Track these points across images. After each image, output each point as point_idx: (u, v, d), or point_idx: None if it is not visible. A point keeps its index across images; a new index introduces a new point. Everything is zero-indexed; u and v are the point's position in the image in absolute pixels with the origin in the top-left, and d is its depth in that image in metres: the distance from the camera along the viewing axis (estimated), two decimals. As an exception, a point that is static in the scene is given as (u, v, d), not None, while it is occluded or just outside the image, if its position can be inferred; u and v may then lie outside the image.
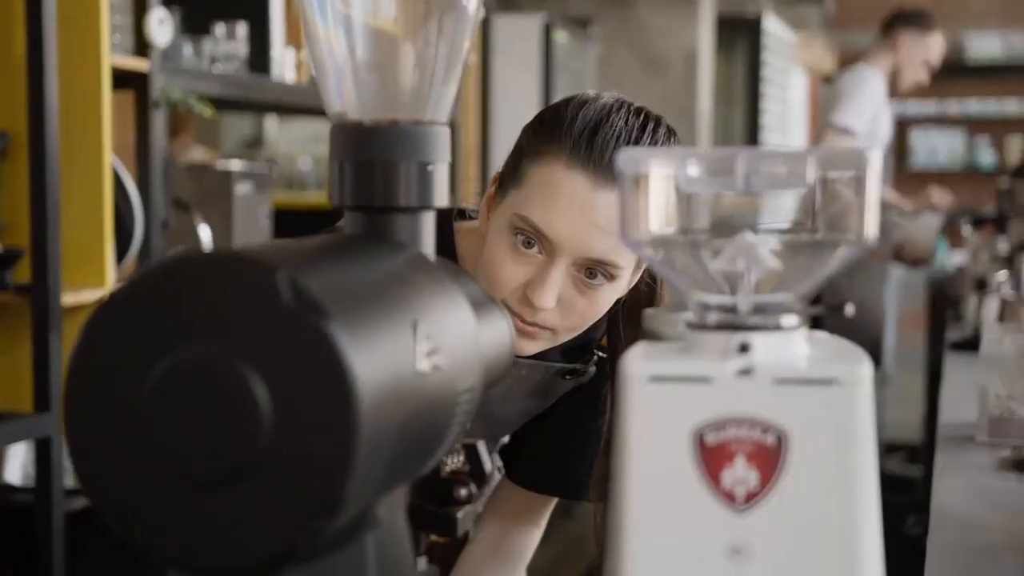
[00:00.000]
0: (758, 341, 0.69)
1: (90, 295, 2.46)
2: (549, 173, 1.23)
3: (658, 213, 0.71)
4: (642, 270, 1.33)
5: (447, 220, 1.40)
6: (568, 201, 1.22)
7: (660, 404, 0.68)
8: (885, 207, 4.56)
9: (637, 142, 1.24)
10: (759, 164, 0.69)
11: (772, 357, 0.68)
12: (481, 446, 0.95)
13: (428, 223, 0.83)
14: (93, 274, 2.47)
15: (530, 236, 1.25)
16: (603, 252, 1.24)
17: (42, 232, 2.31)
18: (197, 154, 4.07)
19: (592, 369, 1.42)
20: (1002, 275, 3.07)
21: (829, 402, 0.67)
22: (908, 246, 4.83)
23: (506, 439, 1.54)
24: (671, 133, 1.31)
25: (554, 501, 1.53)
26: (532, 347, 1.30)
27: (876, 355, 4.42)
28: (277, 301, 0.61)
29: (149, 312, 0.62)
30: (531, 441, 1.49)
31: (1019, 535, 1.42)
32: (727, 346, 0.69)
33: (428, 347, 0.69)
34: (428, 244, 0.83)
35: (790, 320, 0.70)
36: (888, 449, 5.46)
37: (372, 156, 0.81)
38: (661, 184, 0.71)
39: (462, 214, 1.45)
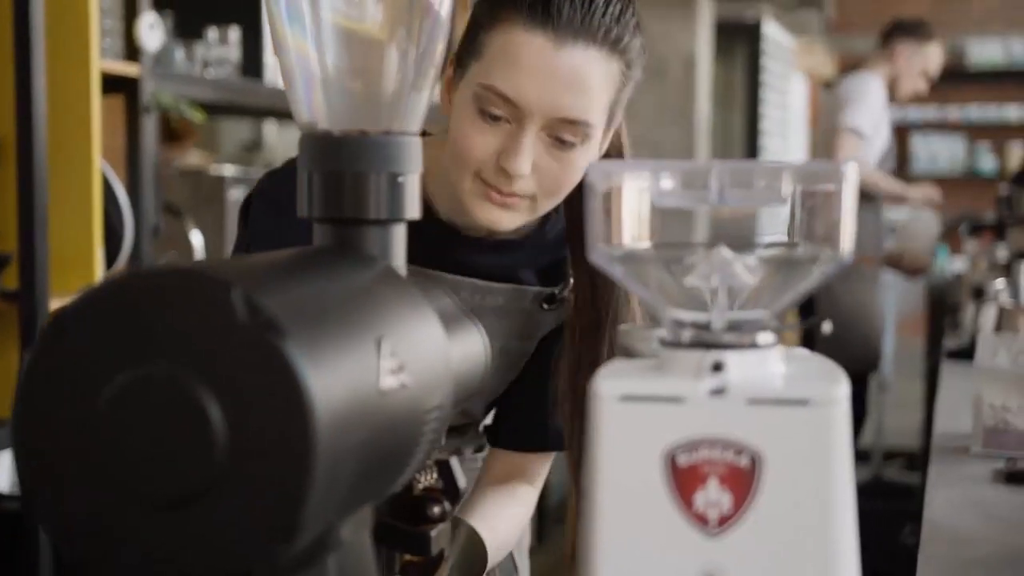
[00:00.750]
0: (732, 360, 0.67)
1: (78, 301, 2.44)
2: (508, 38, 1.21)
3: (630, 228, 0.69)
4: (612, 132, 1.32)
5: None
6: (531, 63, 1.21)
7: (631, 424, 0.66)
8: (887, 199, 4.56)
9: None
10: (733, 178, 0.67)
11: (746, 376, 0.67)
12: (454, 462, 0.93)
13: (399, 235, 0.81)
14: (82, 280, 2.45)
15: (496, 105, 1.23)
16: (572, 110, 1.22)
17: (30, 238, 2.29)
18: (193, 158, 4.05)
19: (568, 296, 1.40)
20: (1000, 283, 3.06)
21: (804, 423, 0.65)
22: (907, 255, 4.83)
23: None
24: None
25: (548, 458, 1.51)
26: (512, 219, 1.28)
27: (870, 360, 4.40)
28: (232, 318, 0.59)
29: (103, 328, 0.60)
30: (507, 402, 1.48)
31: (1013, 548, 1.41)
32: (700, 365, 0.67)
33: (393, 364, 0.67)
34: (399, 257, 0.81)
35: (766, 338, 0.68)
36: (887, 456, 5.44)
37: (341, 167, 0.79)
38: (633, 198, 0.69)
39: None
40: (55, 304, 2.36)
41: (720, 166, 0.67)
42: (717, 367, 0.67)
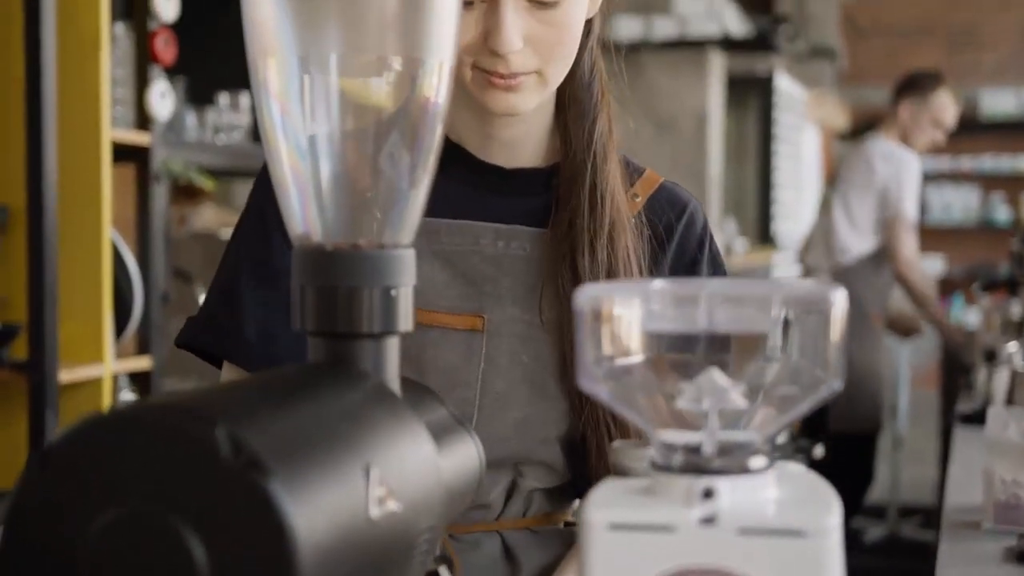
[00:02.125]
0: (723, 486, 0.66)
1: (88, 372, 2.44)
2: None
3: (619, 350, 0.69)
4: None
5: None
6: None
7: (621, 553, 0.66)
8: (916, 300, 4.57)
9: None
10: (723, 302, 0.67)
11: (738, 503, 0.66)
12: (443, 572, 0.92)
13: (392, 349, 0.80)
14: (91, 350, 2.46)
15: None
16: None
17: (39, 309, 2.30)
18: (208, 215, 4.07)
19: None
20: (1012, 346, 3.04)
21: (797, 554, 0.64)
22: (899, 317, 4.82)
23: None
24: None
25: None
26: (526, 100, 1.19)
27: (877, 419, 4.38)
28: (216, 456, 0.58)
29: (87, 465, 0.60)
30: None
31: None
32: (691, 491, 0.66)
33: (382, 492, 0.67)
34: (392, 369, 0.81)
35: (757, 462, 0.68)
36: (903, 513, 5.40)
37: (335, 281, 0.79)
38: (621, 320, 0.69)
39: None
40: (64, 375, 2.36)
41: (710, 290, 0.67)
42: (708, 494, 0.66)
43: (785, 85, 7.44)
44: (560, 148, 1.29)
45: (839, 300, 0.66)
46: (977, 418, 2.81)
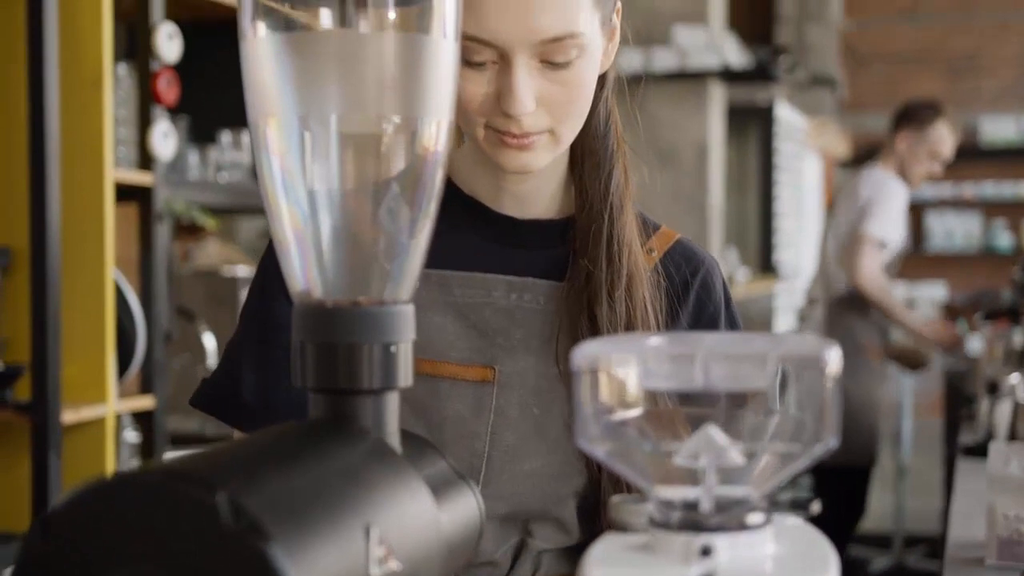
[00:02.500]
0: (721, 543, 0.67)
1: (91, 412, 2.45)
2: None
3: (616, 408, 0.70)
4: (615, 24, 1.22)
5: None
6: None
7: (620, 612, 0.66)
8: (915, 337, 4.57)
9: None
10: (718, 360, 0.68)
11: (736, 559, 0.66)
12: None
13: (392, 404, 0.81)
14: (94, 391, 2.46)
15: (475, 52, 1.13)
16: (552, 29, 1.12)
17: (42, 350, 2.30)
18: (211, 250, 4.08)
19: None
20: (1014, 378, 3.03)
21: (793, 612, 0.64)
22: (904, 351, 4.82)
23: None
24: None
25: None
26: (539, 158, 1.19)
27: (871, 450, 4.37)
28: (217, 522, 0.59)
29: (88, 532, 0.60)
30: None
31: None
32: (689, 548, 0.67)
33: (382, 552, 0.67)
34: (392, 425, 0.81)
35: (755, 518, 0.68)
36: (908, 543, 5.38)
37: (335, 338, 0.79)
38: (619, 378, 0.69)
39: None
40: (67, 416, 2.36)
41: (706, 347, 0.68)
42: (706, 551, 0.67)
43: (785, 114, 7.47)
44: (575, 200, 1.28)
45: (834, 358, 0.67)
46: (980, 450, 2.80)
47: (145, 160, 2.65)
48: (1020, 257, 9.01)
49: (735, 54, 5.46)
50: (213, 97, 3.00)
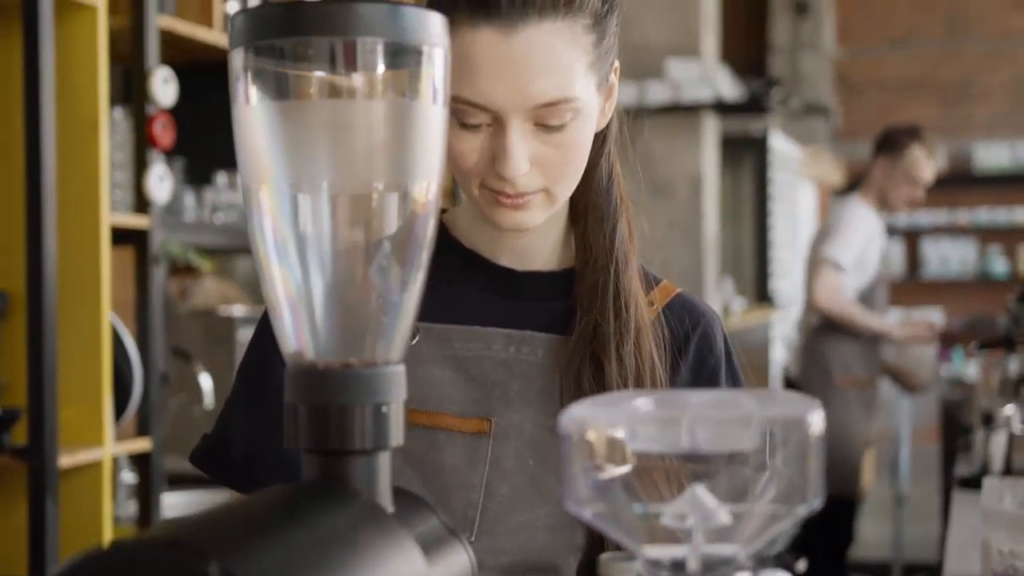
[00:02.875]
0: (709, 602, 0.68)
1: (88, 455, 2.45)
2: (458, 42, 1.11)
3: (603, 470, 0.71)
4: (611, 86, 1.23)
5: None
6: (486, 60, 1.12)
7: (609, 672, 0.67)
8: (875, 337, 4.55)
9: None
10: (703, 424, 0.69)
11: (723, 619, 0.67)
12: None
13: (384, 464, 0.82)
14: (91, 434, 2.47)
15: (470, 114, 1.14)
16: (546, 93, 1.12)
17: (39, 394, 2.31)
18: (209, 287, 4.09)
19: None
20: (1009, 409, 3.04)
21: (780, 671, 0.65)
22: (901, 372, 4.82)
23: None
24: None
25: None
26: (533, 216, 1.19)
27: (851, 481, 4.36)
28: (210, 593, 0.60)
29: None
30: None
31: None
32: (677, 608, 0.68)
33: (373, 614, 0.68)
34: (383, 484, 0.82)
35: (742, 577, 0.69)
36: (907, 571, 5.38)
37: (326, 400, 0.80)
38: (606, 441, 0.70)
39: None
40: (64, 460, 2.37)
41: (692, 412, 0.69)
42: (694, 611, 0.68)
43: (779, 144, 7.50)
44: (576, 253, 1.29)
45: (816, 420, 0.68)
46: (976, 482, 2.81)
47: (141, 203, 2.66)
48: (1016, 284, 9.03)
49: (728, 87, 5.49)
50: (208, 138, 3.02)
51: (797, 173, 8.21)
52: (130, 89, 2.77)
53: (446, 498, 1.22)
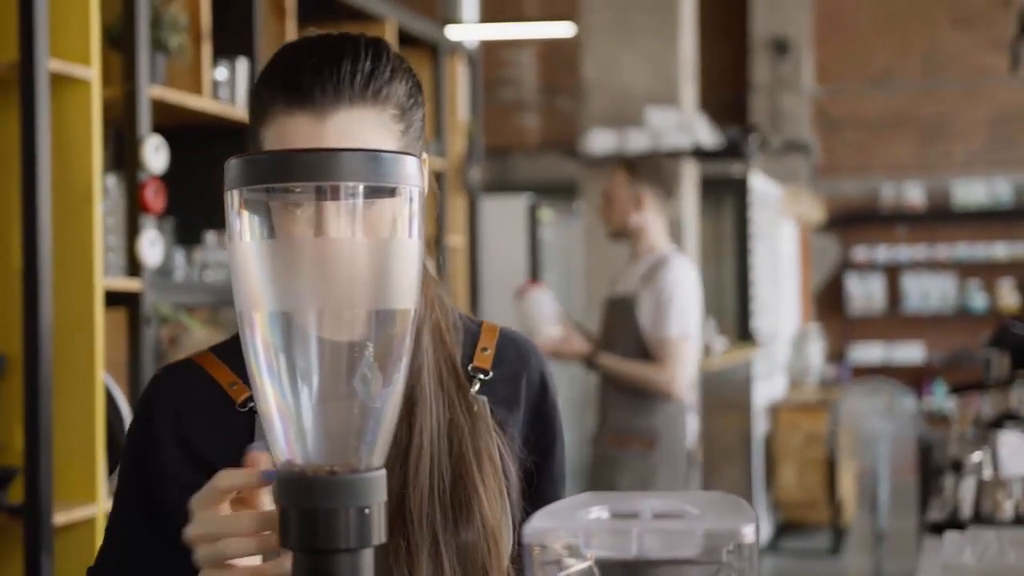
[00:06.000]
0: None
1: (82, 513, 2.53)
2: (276, 127, 1.21)
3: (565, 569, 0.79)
4: (425, 179, 1.24)
5: None
6: (300, 141, 1.19)
7: None
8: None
9: (339, 58, 1.21)
10: (651, 535, 0.77)
11: None
12: None
13: (367, 560, 0.91)
14: (85, 492, 2.55)
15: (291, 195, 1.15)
16: None
17: (35, 453, 2.39)
18: (198, 336, 4.15)
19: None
20: (978, 456, 3.12)
21: None
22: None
23: None
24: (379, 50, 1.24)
25: None
26: None
27: None
28: None
29: None
30: None
31: None
32: None
33: None
34: (367, 578, 0.91)
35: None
36: (887, 609, 5.46)
37: (314, 503, 0.89)
38: (564, 550, 0.79)
39: None
40: (59, 517, 2.44)
41: (638, 526, 0.78)
42: None
43: (760, 184, 7.61)
44: None
45: (749, 532, 0.77)
46: (945, 527, 2.88)
47: (133, 267, 2.75)
48: (994, 318, 9.13)
49: (706, 134, 5.60)
50: (198, 199, 3.11)
51: (778, 211, 8.32)
52: (122, 154, 2.86)
53: None
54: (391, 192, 0.90)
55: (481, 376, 1.31)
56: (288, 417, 0.91)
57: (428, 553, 1.22)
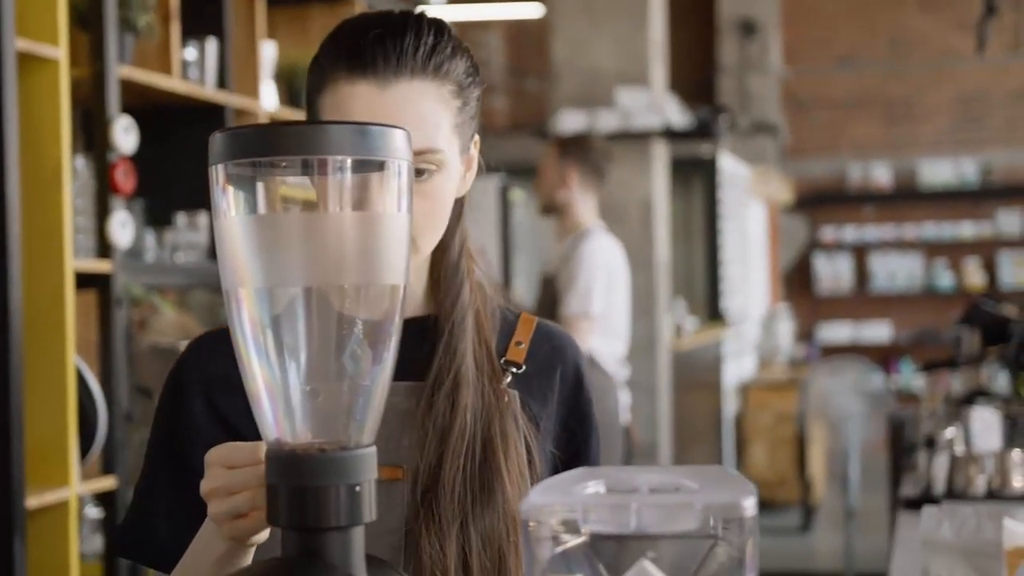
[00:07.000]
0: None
1: (54, 496, 2.50)
2: (336, 95, 1.23)
3: (558, 550, 0.78)
4: (473, 153, 1.31)
5: None
6: (360, 109, 1.21)
7: None
8: None
9: (403, 31, 1.23)
10: (650, 509, 0.76)
11: None
12: None
13: (358, 538, 0.89)
14: (57, 475, 2.52)
15: None
16: (415, 143, 1.13)
17: (7, 438, 2.36)
18: (168, 318, 4.12)
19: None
20: (950, 432, 3.14)
21: None
22: None
23: None
24: (442, 30, 1.27)
25: None
26: None
27: None
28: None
29: None
30: None
31: None
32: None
33: None
34: (357, 556, 0.90)
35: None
36: (859, 584, 5.49)
37: (304, 481, 0.88)
38: (561, 525, 0.78)
39: None
40: (31, 500, 2.42)
41: (638, 500, 0.77)
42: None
43: (729, 165, 7.63)
44: (431, 304, 1.34)
45: (750, 505, 0.76)
46: (919, 503, 2.90)
47: (104, 248, 2.72)
48: (961, 297, 9.19)
49: (676, 114, 5.60)
50: (168, 180, 3.08)
51: (746, 192, 8.34)
52: (91, 135, 2.83)
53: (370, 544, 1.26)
54: (379, 166, 0.88)
55: (513, 370, 1.32)
56: (277, 395, 0.89)
57: (458, 529, 1.22)
